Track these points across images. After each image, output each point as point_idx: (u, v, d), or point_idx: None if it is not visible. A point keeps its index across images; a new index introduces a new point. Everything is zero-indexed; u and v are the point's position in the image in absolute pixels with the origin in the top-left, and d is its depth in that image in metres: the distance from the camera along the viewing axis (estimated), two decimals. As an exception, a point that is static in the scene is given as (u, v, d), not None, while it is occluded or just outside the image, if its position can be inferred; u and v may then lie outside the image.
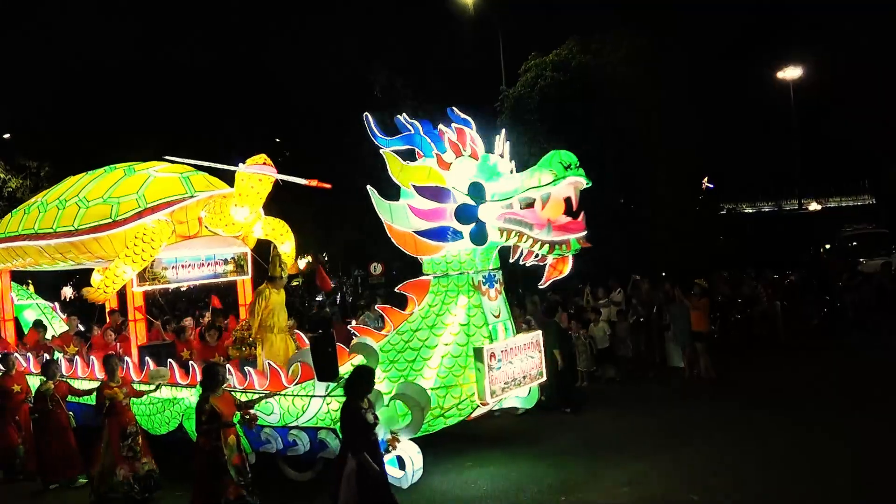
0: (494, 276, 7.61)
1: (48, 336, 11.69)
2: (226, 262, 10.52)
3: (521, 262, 7.06)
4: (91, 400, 8.02)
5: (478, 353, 7.19)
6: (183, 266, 9.96)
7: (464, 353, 7.18)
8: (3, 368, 9.12)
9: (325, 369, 6.80)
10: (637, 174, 19.19)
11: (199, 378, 7.57)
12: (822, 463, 7.27)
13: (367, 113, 7.39)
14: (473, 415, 7.69)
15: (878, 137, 32.88)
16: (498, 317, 7.55)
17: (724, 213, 29.31)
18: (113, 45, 28.45)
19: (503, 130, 7.59)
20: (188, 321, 11.77)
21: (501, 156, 7.52)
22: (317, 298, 20.60)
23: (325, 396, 7.12)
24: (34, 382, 9.16)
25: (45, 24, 29.20)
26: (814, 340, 14.43)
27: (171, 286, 9.85)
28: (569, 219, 6.84)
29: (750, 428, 8.67)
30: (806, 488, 6.67)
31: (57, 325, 12.63)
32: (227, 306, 12.87)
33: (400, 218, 7.30)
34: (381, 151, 7.43)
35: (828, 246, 30.40)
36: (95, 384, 8.42)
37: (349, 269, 28.99)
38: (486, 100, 21.90)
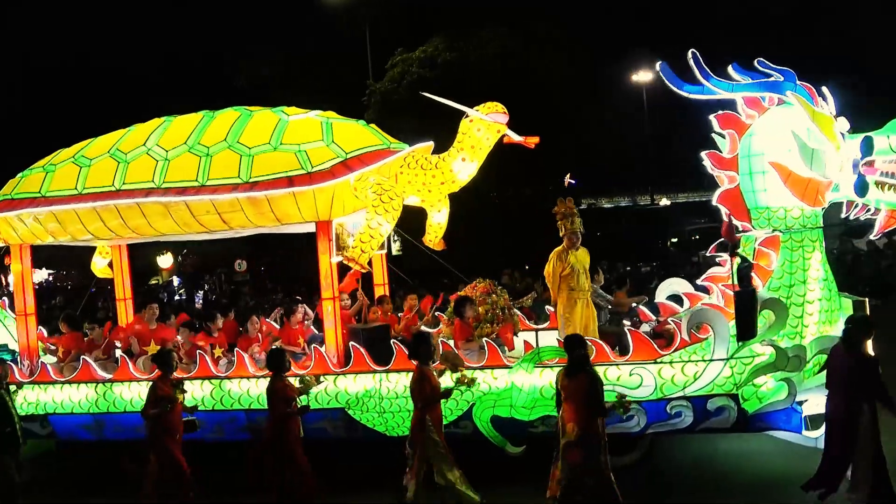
0: None
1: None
2: None
3: (852, 217, 6.97)
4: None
5: (860, 307, 7.08)
6: None
7: (829, 307, 7.03)
8: (163, 368, 6.93)
9: (748, 327, 6.27)
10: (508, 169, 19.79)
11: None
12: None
13: (692, 49, 6.68)
14: None
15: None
16: None
17: (585, 209, 31.23)
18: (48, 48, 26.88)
19: (824, 89, 6.94)
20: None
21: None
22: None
23: (727, 360, 6.74)
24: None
25: (28, 22, 27.04)
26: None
27: None
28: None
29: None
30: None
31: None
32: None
33: (818, 164, 6.72)
34: (787, 95, 6.68)
35: (675, 240, 33.33)
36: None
37: (213, 269, 27.72)
38: (354, 93, 22.18)
